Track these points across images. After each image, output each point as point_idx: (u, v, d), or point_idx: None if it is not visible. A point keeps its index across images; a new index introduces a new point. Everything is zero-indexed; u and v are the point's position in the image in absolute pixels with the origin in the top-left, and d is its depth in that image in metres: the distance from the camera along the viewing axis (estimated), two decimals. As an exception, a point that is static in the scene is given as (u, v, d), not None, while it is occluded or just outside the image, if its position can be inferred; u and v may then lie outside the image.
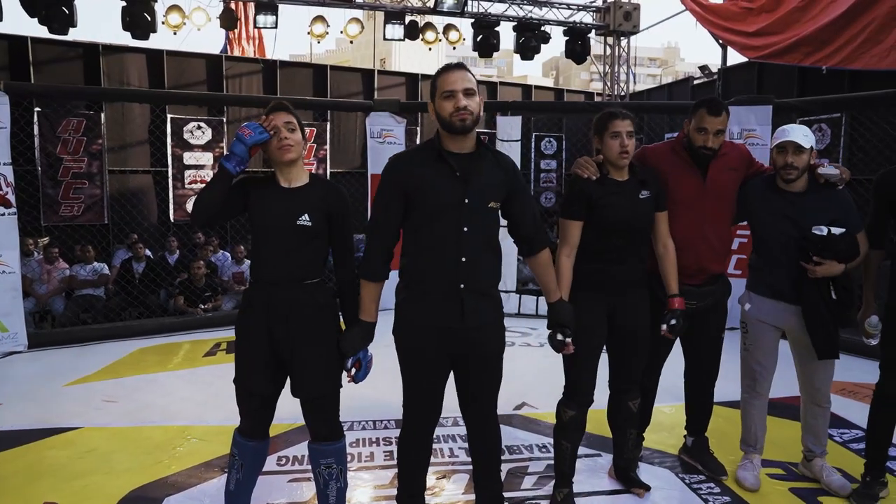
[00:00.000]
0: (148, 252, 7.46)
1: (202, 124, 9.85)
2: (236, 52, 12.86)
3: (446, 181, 2.14)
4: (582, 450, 3.08)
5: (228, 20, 6.75)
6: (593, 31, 7.86)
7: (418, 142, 10.15)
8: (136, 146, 9.82)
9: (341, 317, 2.36)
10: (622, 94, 8.75)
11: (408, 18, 7.05)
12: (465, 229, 2.15)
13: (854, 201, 2.76)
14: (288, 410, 2.47)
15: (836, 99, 5.92)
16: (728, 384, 3.14)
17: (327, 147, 11.12)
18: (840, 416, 3.65)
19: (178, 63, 10.20)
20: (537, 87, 13.86)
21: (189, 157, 9.73)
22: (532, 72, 39.10)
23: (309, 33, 7.38)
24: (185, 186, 9.74)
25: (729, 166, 2.80)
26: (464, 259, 2.17)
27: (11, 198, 4.57)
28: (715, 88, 10.73)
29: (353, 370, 2.31)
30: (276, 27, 6.68)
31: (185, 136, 9.70)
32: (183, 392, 4.10)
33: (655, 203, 2.64)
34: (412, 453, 2.41)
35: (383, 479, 2.95)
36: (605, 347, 2.69)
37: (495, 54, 7.67)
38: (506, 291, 6.12)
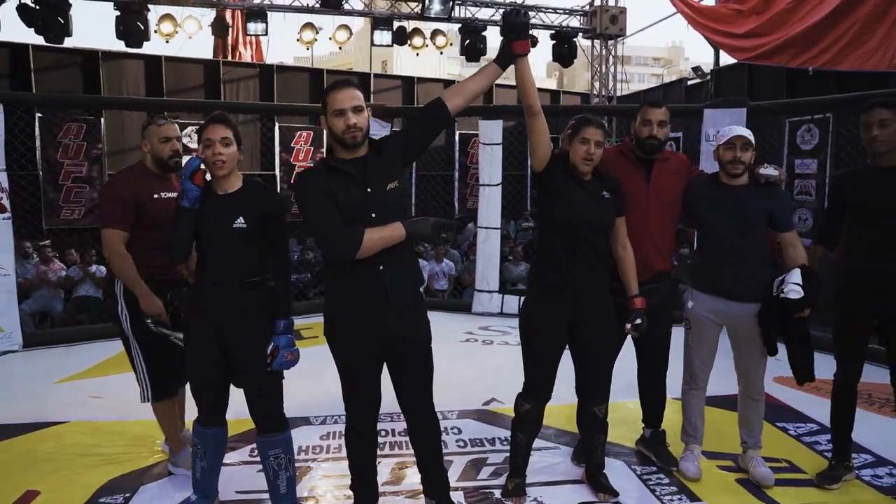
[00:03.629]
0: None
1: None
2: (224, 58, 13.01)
3: (346, 182, 2.26)
4: (542, 443, 3.24)
5: (220, 28, 6.90)
6: (580, 34, 7.98)
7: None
8: (135, 150, 10.00)
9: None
10: (610, 95, 8.87)
11: (396, 24, 7.20)
12: (374, 215, 2.25)
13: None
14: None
15: (810, 102, 6.05)
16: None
17: (324, 150, 11.30)
18: (797, 410, 3.78)
19: (175, 68, 10.40)
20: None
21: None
22: (537, 73, 39.13)
23: (298, 40, 7.54)
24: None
25: (671, 171, 2.96)
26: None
27: (6, 203, 4.76)
28: (706, 89, 10.85)
29: (270, 357, 2.44)
30: (266, 34, 6.85)
31: (185, 140, 9.90)
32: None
33: (616, 207, 2.71)
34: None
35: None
36: (570, 353, 2.76)
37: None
38: (489, 291, 6.27)
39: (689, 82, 12.06)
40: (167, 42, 7.10)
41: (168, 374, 2.93)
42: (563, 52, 7.61)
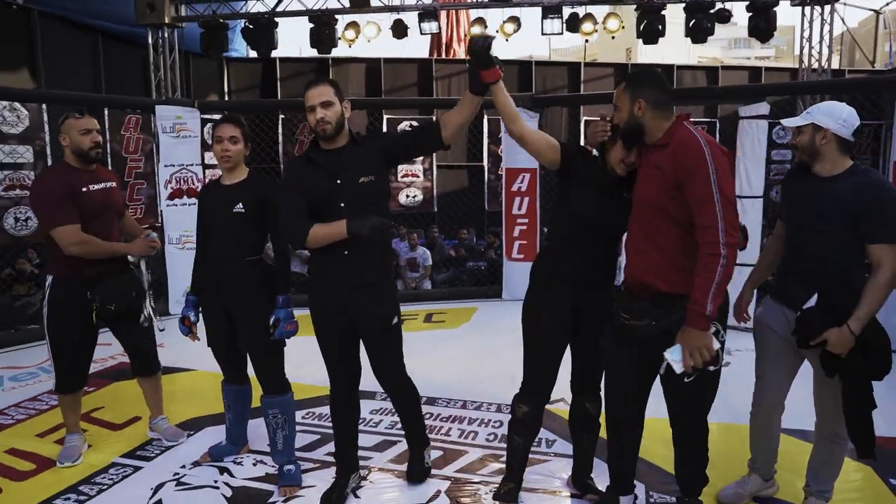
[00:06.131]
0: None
1: (414, 123, 10.91)
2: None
3: (318, 173, 2.48)
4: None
5: (399, 30, 7.47)
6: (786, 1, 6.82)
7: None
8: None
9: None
10: (823, 69, 7.48)
11: (566, 11, 7.01)
12: (342, 205, 2.44)
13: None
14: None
15: None
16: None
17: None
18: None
19: (393, 69, 11.45)
20: (768, 69, 12.44)
21: (403, 154, 10.86)
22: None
23: (498, 31, 7.74)
24: (399, 180, 10.90)
25: (655, 163, 2.44)
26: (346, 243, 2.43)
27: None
28: None
29: (273, 328, 2.74)
30: (439, 32, 7.21)
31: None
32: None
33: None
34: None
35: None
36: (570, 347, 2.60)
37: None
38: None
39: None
40: (349, 46, 7.88)
41: (73, 372, 3.07)
42: (760, 26, 6.66)
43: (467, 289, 7.23)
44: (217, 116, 8.89)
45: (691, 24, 6.78)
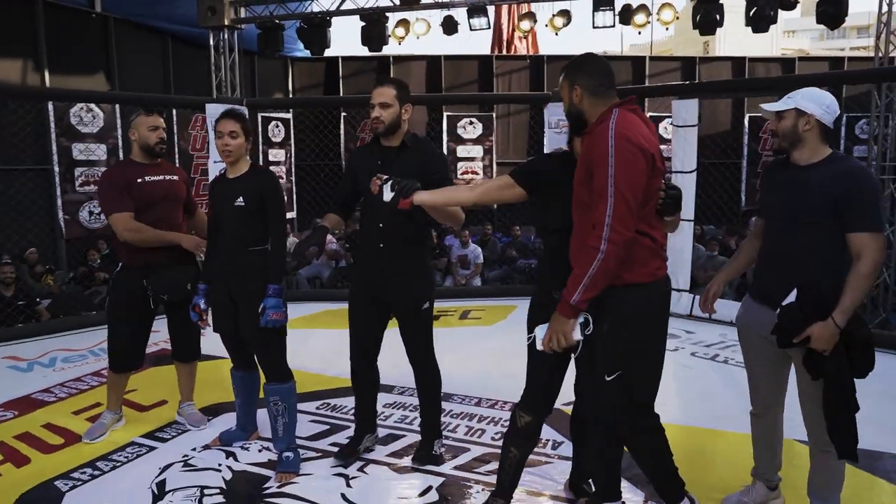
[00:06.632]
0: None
1: (474, 120, 10.90)
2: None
3: (372, 165, 2.76)
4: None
5: (449, 26, 7.46)
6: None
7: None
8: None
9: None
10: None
11: (619, 3, 6.78)
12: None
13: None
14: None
15: None
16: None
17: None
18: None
19: (454, 66, 11.47)
20: (852, 59, 11.63)
21: (462, 150, 10.89)
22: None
23: (514, 30, 7.64)
24: (459, 177, 10.93)
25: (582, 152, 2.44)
26: (381, 225, 2.76)
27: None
28: None
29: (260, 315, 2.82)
30: (489, 27, 7.16)
31: (458, 131, 10.90)
32: (322, 344, 4.93)
33: None
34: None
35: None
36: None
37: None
38: (678, 290, 5.62)
39: None
40: (399, 44, 7.94)
41: (124, 353, 3.29)
42: (829, 12, 6.23)
43: (511, 286, 7.16)
44: (286, 114, 9.37)
45: (752, 12, 6.43)
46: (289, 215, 9.62)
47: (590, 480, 2.67)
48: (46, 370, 4.44)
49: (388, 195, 2.37)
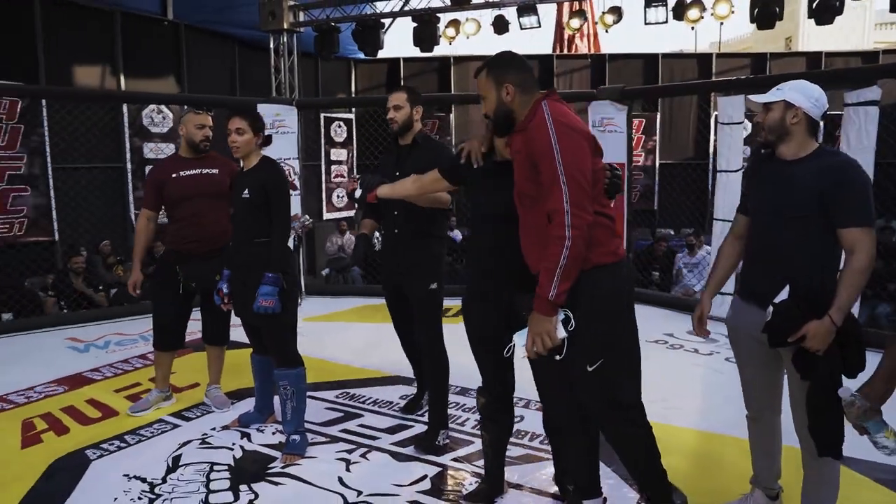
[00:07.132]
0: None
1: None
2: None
3: (391, 162, 3.12)
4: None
5: (500, 26, 7.47)
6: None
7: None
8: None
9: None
10: None
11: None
12: None
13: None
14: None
15: None
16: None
17: (657, 138, 10.96)
18: None
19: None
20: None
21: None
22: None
23: (566, 25, 7.52)
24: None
25: (515, 148, 2.37)
26: (395, 213, 3.02)
27: (297, 183, 6.27)
28: None
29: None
30: (539, 26, 7.11)
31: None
32: (358, 337, 5.08)
33: None
34: None
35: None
36: None
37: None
38: (722, 293, 5.40)
39: None
40: (450, 44, 8.00)
41: (164, 332, 3.55)
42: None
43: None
44: (348, 115, 9.68)
45: (815, 4, 6.10)
46: (348, 213, 9.94)
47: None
48: (100, 351, 4.80)
49: (359, 192, 2.71)
